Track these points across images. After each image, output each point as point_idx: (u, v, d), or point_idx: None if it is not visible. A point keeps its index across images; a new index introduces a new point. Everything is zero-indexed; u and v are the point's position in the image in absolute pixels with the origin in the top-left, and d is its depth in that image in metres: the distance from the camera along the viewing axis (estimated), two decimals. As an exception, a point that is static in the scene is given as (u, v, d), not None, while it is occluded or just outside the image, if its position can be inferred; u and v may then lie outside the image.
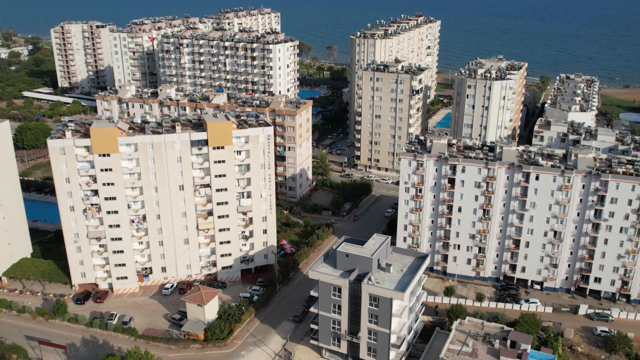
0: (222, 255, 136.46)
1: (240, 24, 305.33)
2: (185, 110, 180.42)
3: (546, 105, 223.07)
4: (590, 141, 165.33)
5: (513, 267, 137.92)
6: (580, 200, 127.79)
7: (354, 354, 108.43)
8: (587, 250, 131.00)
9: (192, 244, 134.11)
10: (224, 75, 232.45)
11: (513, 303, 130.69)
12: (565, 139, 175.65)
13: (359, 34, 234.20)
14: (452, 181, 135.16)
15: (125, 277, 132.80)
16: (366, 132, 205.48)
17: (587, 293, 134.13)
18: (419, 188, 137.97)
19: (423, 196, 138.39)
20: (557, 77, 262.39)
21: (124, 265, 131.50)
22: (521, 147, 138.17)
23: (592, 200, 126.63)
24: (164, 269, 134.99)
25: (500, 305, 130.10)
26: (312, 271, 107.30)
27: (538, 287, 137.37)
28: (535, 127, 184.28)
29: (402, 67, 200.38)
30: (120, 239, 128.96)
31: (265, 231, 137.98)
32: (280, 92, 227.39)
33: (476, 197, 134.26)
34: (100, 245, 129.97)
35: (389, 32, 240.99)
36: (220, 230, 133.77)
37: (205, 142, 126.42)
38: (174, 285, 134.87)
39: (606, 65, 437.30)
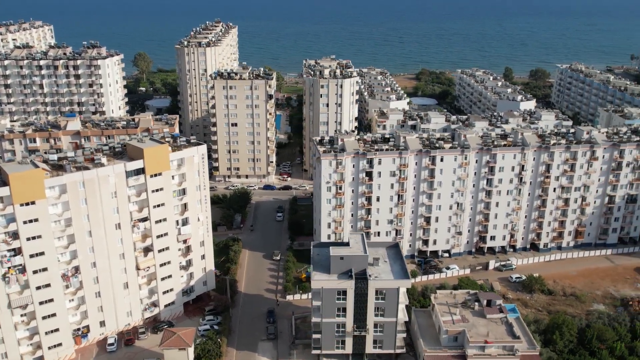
0: (164, 293, 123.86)
1: (15, 39, 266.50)
2: (35, 142, 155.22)
3: (367, 97, 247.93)
4: (427, 124, 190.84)
5: (426, 242, 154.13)
6: (475, 173, 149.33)
7: (359, 350, 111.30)
8: (483, 215, 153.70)
9: (132, 287, 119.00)
10: (41, 98, 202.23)
11: (439, 273, 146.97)
12: (404, 125, 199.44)
13: (185, 42, 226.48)
14: (369, 174, 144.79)
15: (60, 344, 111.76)
16: (223, 141, 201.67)
17: (485, 251, 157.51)
18: (340, 185, 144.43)
19: (344, 192, 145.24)
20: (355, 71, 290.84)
21: (57, 330, 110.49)
22: (414, 135, 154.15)
23: (485, 172, 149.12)
24: (102, 323, 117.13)
25: (431, 277, 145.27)
26: (314, 281, 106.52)
27: (447, 254, 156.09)
28: (376, 117, 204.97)
29: (250, 73, 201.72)
30: (51, 300, 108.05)
31: (203, 257, 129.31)
32: (112, 110, 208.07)
33: (392, 185, 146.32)
34: (24, 315, 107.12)
35: (210, 39, 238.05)
36: (161, 265, 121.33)
37: (142, 171, 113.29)
38: (116, 339, 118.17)
39: (354, 59, 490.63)
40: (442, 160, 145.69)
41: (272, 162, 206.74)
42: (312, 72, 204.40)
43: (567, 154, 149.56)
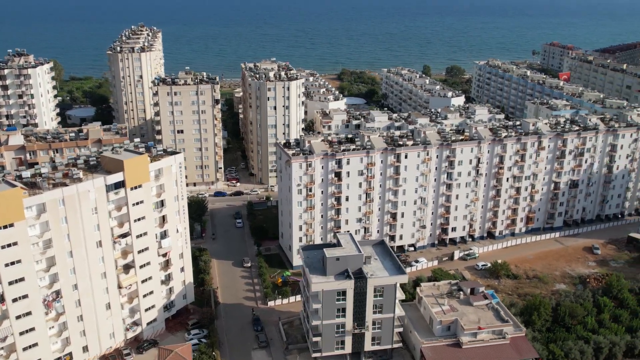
0: (146, 310, 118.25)
1: None
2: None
3: (304, 99, 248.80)
4: (371, 123, 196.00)
5: (392, 237, 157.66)
6: (436, 168, 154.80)
7: (358, 348, 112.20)
8: (444, 208, 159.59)
9: (114, 308, 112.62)
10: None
11: (409, 267, 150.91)
12: (348, 125, 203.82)
13: (118, 49, 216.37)
14: (338, 174, 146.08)
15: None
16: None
17: (447, 242, 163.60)
18: (310, 187, 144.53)
19: (314, 194, 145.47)
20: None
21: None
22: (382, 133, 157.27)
23: (445, 166, 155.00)
24: (85, 349, 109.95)
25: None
26: (314, 284, 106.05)
27: (412, 248, 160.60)
28: (319, 118, 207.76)
29: (193, 78, 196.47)
30: (32, 329, 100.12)
31: (182, 269, 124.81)
32: (45, 122, 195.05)
33: (360, 184, 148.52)
34: (2, 348, 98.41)
35: (143, 44, 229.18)
36: (143, 281, 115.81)
37: (122, 184, 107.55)
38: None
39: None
40: (406, 157, 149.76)
41: (221, 168, 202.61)
42: (256, 76, 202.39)
43: (517, 145, 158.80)
